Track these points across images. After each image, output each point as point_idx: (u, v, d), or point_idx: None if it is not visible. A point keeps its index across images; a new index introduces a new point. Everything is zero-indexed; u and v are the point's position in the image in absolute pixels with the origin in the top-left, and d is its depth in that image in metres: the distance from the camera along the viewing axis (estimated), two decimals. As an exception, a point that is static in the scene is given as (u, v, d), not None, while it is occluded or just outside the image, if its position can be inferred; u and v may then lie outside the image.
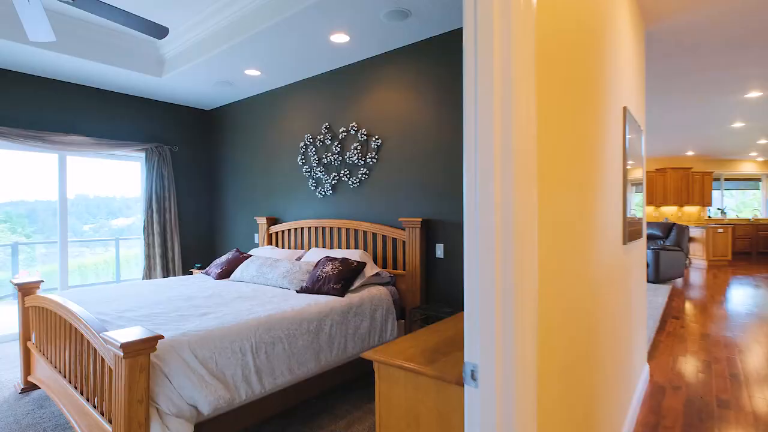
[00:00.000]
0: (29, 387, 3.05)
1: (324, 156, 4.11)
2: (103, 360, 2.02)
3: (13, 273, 6.38)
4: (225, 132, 5.40)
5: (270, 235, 4.67)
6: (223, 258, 4.07)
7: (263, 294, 3.11)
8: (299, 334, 2.58)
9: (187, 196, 5.46)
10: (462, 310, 3.06)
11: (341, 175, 3.98)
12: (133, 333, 1.81)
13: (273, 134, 4.71)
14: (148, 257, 4.99)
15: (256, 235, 4.97)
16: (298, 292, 3.16)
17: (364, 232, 3.80)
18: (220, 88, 4.66)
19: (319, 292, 3.07)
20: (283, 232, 4.55)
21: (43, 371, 2.76)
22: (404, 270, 3.48)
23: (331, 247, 4.03)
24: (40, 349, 2.87)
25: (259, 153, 4.90)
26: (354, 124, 3.86)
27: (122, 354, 1.72)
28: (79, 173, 4.82)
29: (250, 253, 4.26)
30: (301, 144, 4.34)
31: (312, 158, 4.23)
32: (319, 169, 4.17)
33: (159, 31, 2.78)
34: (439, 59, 3.31)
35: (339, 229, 3.99)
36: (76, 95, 4.51)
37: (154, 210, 4.99)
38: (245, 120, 5.07)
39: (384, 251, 3.66)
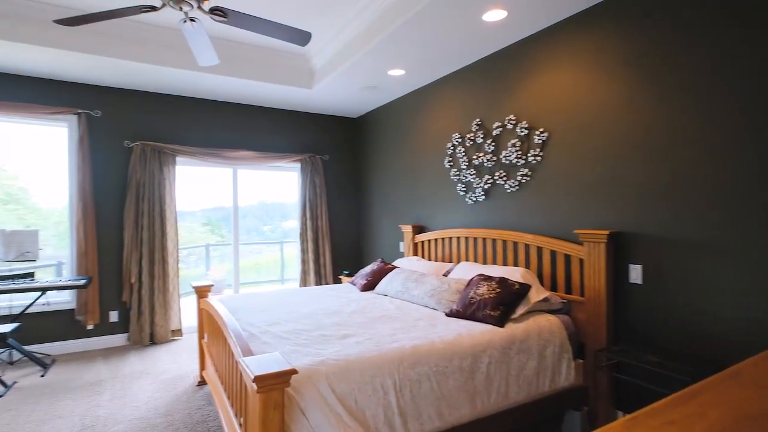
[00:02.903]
0: (203, 381, 3.31)
1: (475, 157, 3.60)
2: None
3: (206, 269, 7.60)
4: (371, 138, 5.34)
5: (415, 245, 4.36)
6: (368, 269, 3.90)
7: (408, 315, 2.76)
8: (450, 372, 2.13)
9: (337, 204, 5.58)
10: (706, 368, 2.17)
11: (496, 177, 3.41)
12: (269, 362, 1.61)
13: (418, 137, 4.40)
14: (303, 262, 5.22)
15: (401, 243, 4.73)
16: (446, 315, 2.71)
17: (526, 246, 3.14)
18: (365, 94, 4.57)
19: (472, 318, 2.57)
20: (429, 241, 4.19)
21: (211, 371, 2.92)
22: (582, 296, 2.72)
23: (484, 262, 3.48)
24: (209, 349, 3.07)
25: (403, 157, 4.66)
26: (511, 117, 3.25)
27: (255, 388, 1.52)
28: (257, 182, 5.39)
29: (394, 263, 4.01)
30: (449, 145, 3.91)
31: (461, 160, 3.76)
32: (469, 171, 3.67)
33: (302, 38, 2.70)
34: (632, 22, 2.48)
35: (493, 240, 3.42)
36: (242, 114, 4.96)
37: (308, 217, 5.20)
38: (390, 125, 4.90)
39: (553, 270, 2.95)
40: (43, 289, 3.49)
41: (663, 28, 2.34)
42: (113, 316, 4.27)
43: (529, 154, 3.11)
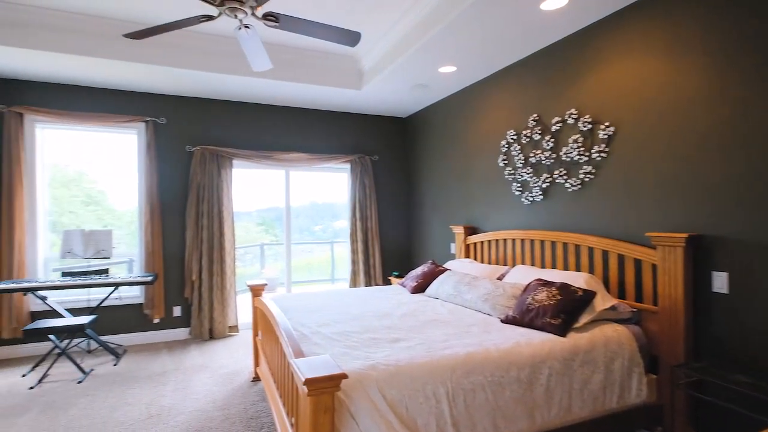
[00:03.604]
0: (257, 377, 3.40)
1: (532, 154, 3.41)
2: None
3: (261, 267, 7.89)
4: (420, 138, 5.26)
5: (467, 246, 4.22)
6: (419, 270, 3.82)
7: (460, 320, 2.65)
8: (506, 383, 2.00)
9: (386, 204, 5.55)
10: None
11: (555, 176, 3.20)
12: (320, 365, 1.59)
13: (470, 135, 4.26)
14: (353, 262, 5.24)
15: (452, 244, 4.61)
16: (502, 321, 2.58)
17: (589, 249, 2.92)
18: (415, 93, 4.50)
19: (530, 325, 2.41)
20: (481, 243, 4.03)
21: (265, 368, 2.99)
22: (655, 305, 2.47)
23: (542, 266, 3.29)
24: (263, 347, 3.14)
25: (455, 157, 4.53)
26: (573, 111, 3.04)
27: (306, 390, 1.51)
28: (309, 183, 5.52)
29: (446, 266, 3.90)
30: (503, 143, 3.74)
31: (516, 158, 3.58)
32: (525, 170, 3.48)
33: (351, 38, 2.68)
34: (712, 6, 2.21)
35: (552, 243, 3.21)
36: (293, 117, 5.07)
37: (358, 218, 5.21)
38: (440, 123, 4.79)
39: (620, 276, 2.71)
40: (116, 285, 3.76)
41: (748, 13, 2.07)
42: (177, 311, 4.53)
43: (592, 151, 2.89)
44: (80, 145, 4.42)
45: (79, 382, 3.32)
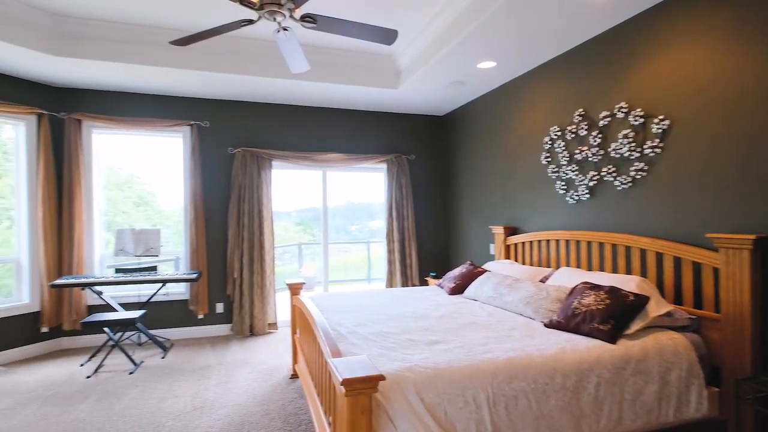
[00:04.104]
0: (296, 374, 3.44)
1: (577, 151, 3.25)
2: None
3: (299, 266, 8.05)
4: (458, 136, 5.16)
5: (507, 247, 4.09)
6: (456, 271, 3.74)
7: (500, 323, 2.56)
8: (551, 391, 1.91)
9: (423, 204, 5.49)
10: None
11: (603, 173, 3.03)
12: (357, 365, 1.57)
13: (510, 132, 4.13)
14: (390, 262, 5.22)
15: (491, 245, 4.48)
16: (545, 326, 2.46)
17: (641, 251, 2.74)
18: (452, 90, 4.41)
19: (576, 331, 2.29)
20: (522, 244, 3.90)
21: (303, 365, 3.02)
22: (717, 312, 2.28)
23: (589, 268, 3.12)
24: (301, 345, 3.18)
25: (494, 155, 4.41)
26: (622, 104, 2.86)
27: (344, 391, 1.49)
28: (345, 183, 5.57)
29: (485, 267, 3.80)
30: (546, 139, 3.59)
31: (560, 155, 3.42)
32: (570, 167, 3.32)
33: (388, 37, 2.65)
34: (790, -27, 2.01)
35: (600, 244, 3.04)
36: (330, 117, 5.11)
37: (394, 218, 5.19)
38: (478, 121, 4.68)
39: (677, 280, 2.53)
40: (164, 281, 3.93)
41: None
42: (219, 307, 4.68)
43: (645, 146, 2.71)
44: (132, 149, 4.67)
45: (131, 373, 3.50)
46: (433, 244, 5.52)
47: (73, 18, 3.43)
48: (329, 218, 5.26)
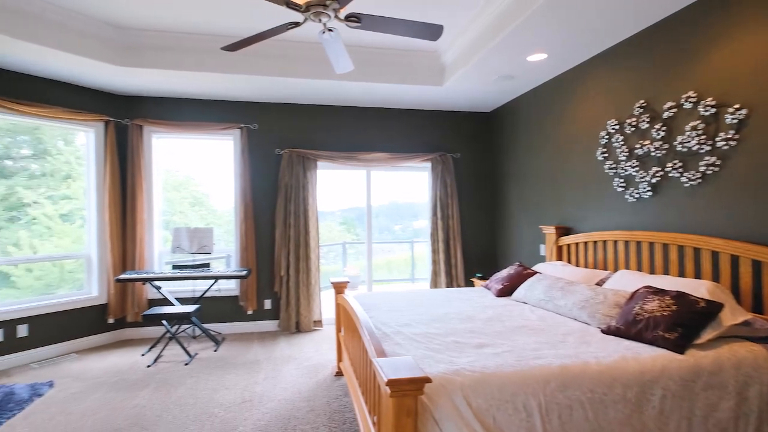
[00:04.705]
0: (340, 372, 3.47)
1: (638, 145, 3.03)
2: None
3: (343, 265, 8.14)
4: (505, 133, 4.99)
5: (559, 248, 3.89)
6: (504, 273, 3.61)
7: (553, 327, 2.43)
8: (610, 402, 1.78)
9: (468, 203, 5.36)
10: None
11: (668, 169, 2.80)
12: (402, 366, 1.54)
13: (562, 127, 3.93)
14: (434, 262, 5.15)
15: (541, 246, 4.29)
16: (602, 332, 2.31)
17: (713, 254, 2.50)
18: (500, 85, 4.27)
19: (637, 338, 2.12)
20: (576, 245, 3.69)
21: (347, 363, 3.04)
22: (806, 323, 2.03)
23: (651, 271, 2.90)
24: (345, 343, 3.19)
25: (544, 151, 4.22)
26: (690, 94, 2.63)
27: (389, 391, 1.46)
28: (389, 182, 5.57)
29: (535, 268, 3.64)
30: (602, 134, 3.38)
31: (618, 150, 3.21)
32: (629, 163, 3.10)
33: (434, 32, 2.59)
34: None
35: (664, 245, 2.81)
36: (374, 117, 5.12)
37: (439, 217, 5.11)
38: (527, 116, 4.49)
39: (757, 286, 2.28)
40: (216, 278, 4.11)
41: None
42: (267, 304, 4.83)
43: (717, 138, 2.46)
44: (187, 152, 4.93)
45: (186, 364, 3.68)
46: (478, 245, 5.38)
47: (134, 30, 3.66)
48: (373, 218, 5.27)
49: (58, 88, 4.02)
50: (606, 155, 3.36)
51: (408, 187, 5.89)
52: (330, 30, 2.61)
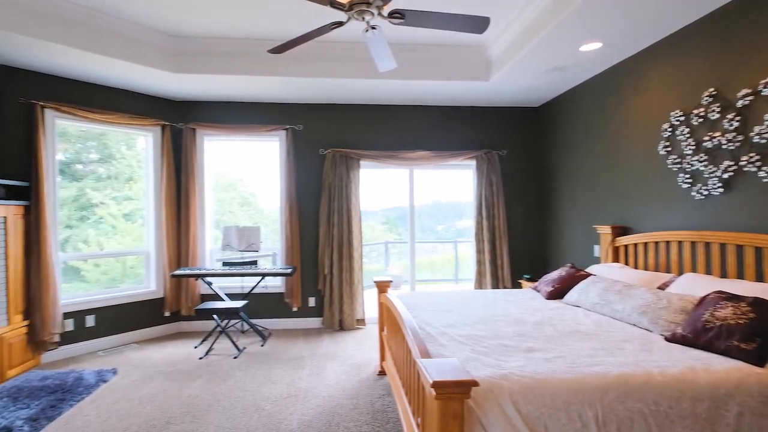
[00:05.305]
0: (383, 372, 3.45)
1: (707, 137, 2.77)
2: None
3: (385, 265, 8.14)
4: (555, 128, 4.77)
5: (615, 249, 3.66)
6: (555, 274, 3.44)
7: (610, 333, 2.28)
8: (677, 416, 1.63)
9: (515, 202, 5.18)
10: None
11: (742, 163, 2.54)
12: (448, 368, 1.49)
13: (618, 120, 3.69)
14: (479, 263, 5.02)
15: (596, 247, 4.06)
16: (666, 339, 2.13)
17: (798, 256, 2.24)
18: (549, 77, 4.08)
19: (707, 348, 1.94)
20: (635, 246, 3.45)
21: (390, 363, 3.01)
22: None
23: (723, 275, 2.64)
24: (388, 342, 3.17)
25: (599, 146, 3.98)
26: (769, 78, 2.37)
27: (434, 393, 1.42)
28: (432, 181, 5.51)
29: (588, 270, 3.44)
30: (665, 126, 3.13)
31: (684, 143, 2.96)
32: (696, 157, 2.85)
33: (480, 25, 2.50)
34: None
35: (738, 247, 2.56)
36: (416, 115, 5.06)
37: (484, 216, 4.97)
38: (580, 110, 4.26)
39: None
40: (263, 275, 4.23)
41: None
42: (311, 301, 4.91)
43: (802, 127, 2.20)
44: (236, 154, 5.12)
45: (235, 358, 3.81)
46: (526, 245, 5.18)
47: (187, 38, 3.84)
48: (415, 217, 5.21)
49: (121, 96, 4.31)
50: (669, 149, 3.11)
51: (451, 186, 5.79)
52: (373, 28, 2.60)
